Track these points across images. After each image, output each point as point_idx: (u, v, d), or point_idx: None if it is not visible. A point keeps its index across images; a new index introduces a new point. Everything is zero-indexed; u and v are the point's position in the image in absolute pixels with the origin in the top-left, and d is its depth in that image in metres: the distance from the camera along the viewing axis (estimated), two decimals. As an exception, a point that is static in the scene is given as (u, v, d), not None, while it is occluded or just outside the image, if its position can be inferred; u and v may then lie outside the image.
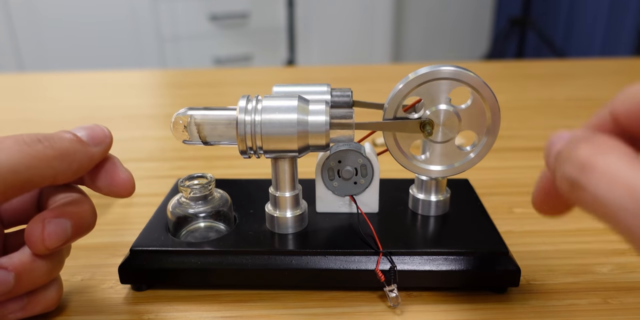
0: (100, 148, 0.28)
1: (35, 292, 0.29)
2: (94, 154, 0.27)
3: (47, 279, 0.28)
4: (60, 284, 0.30)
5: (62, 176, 0.26)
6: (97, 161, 0.28)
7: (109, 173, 0.28)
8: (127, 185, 0.28)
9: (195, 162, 0.55)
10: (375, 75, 0.90)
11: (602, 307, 0.32)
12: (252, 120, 0.31)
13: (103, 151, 0.28)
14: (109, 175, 0.28)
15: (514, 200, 0.45)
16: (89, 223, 0.29)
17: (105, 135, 0.28)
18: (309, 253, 0.33)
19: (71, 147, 0.26)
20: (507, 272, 0.32)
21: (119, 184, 0.28)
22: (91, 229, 0.29)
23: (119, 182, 0.28)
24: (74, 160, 0.26)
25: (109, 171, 0.28)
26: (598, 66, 0.93)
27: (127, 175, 0.28)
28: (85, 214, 0.28)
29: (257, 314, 0.32)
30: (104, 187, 0.28)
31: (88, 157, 0.27)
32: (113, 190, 0.28)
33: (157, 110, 0.75)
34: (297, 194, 0.34)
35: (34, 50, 1.99)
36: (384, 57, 2.51)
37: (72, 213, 0.28)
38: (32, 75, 0.97)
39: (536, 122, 0.65)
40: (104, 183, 0.28)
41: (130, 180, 0.28)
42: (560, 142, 0.21)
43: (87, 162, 0.27)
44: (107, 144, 0.28)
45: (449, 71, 0.31)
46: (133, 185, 0.29)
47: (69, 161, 0.26)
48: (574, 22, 2.26)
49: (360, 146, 0.36)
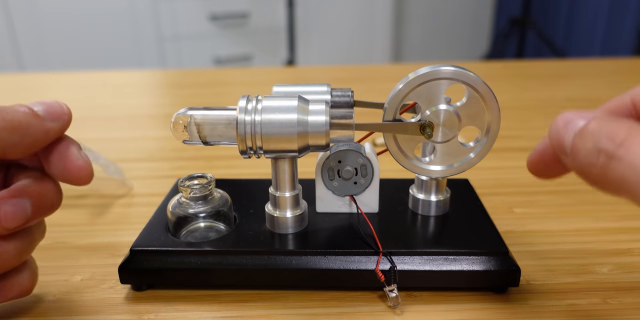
0: (57, 124, 0.27)
1: (7, 277, 0.28)
2: (50, 129, 0.26)
3: (17, 262, 0.28)
4: (34, 268, 0.30)
5: (12, 150, 0.25)
6: (52, 137, 0.27)
7: (63, 159, 0.27)
8: (81, 173, 0.27)
9: (195, 162, 0.55)
10: (375, 75, 0.90)
11: (602, 307, 0.32)
12: (252, 120, 0.31)
13: (60, 127, 0.27)
14: (62, 161, 0.27)
15: (514, 200, 0.45)
16: (52, 202, 0.28)
17: (63, 112, 0.27)
18: (309, 253, 0.33)
19: (25, 120, 0.25)
20: (507, 272, 0.32)
21: (73, 170, 0.27)
22: (56, 208, 0.28)
23: (73, 168, 0.27)
24: (26, 134, 0.25)
25: (63, 157, 0.27)
26: (598, 66, 0.93)
27: (82, 162, 0.27)
28: (47, 192, 0.27)
29: (257, 314, 0.32)
30: (58, 173, 0.27)
31: (43, 132, 0.26)
32: (67, 176, 0.27)
33: (157, 110, 0.75)
34: (297, 194, 0.34)
35: (34, 50, 1.99)
36: (384, 57, 2.51)
37: (32, 192, 0.27)
38: (32, 75, 0.97)
39: (536, 122, 0.65)
40: (58, 169, 0.27)
41: (84, 168, 0.27)
42: (577, 119, 0.23)
43: (42, 137, 0.26)
44: (65, 120, 0.27)
45: (449, 71, 0.31)
46: (88, 173, 0.27)
47: (21, 135, 0.25)
48: (574, 22, 2.26)
49: (360, 146, 0.36)
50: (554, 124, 0.24)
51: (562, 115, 0.23)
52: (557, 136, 0.23)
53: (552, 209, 0.44)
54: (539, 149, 0.27)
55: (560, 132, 0.23)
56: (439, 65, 0.32)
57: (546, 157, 0.26)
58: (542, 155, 0.27)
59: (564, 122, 0.23)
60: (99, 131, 0.65)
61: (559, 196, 0.46)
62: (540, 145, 0.27)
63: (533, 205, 0.44)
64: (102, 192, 0.48)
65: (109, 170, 0.47)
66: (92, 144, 0.51)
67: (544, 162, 0.27)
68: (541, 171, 0.28)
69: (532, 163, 0.27)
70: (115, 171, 0.48)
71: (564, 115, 0.23)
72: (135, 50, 2.10)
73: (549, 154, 0.26)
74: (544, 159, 0.27)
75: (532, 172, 0.28)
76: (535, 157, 0.27)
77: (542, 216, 0.42)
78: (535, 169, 0.28)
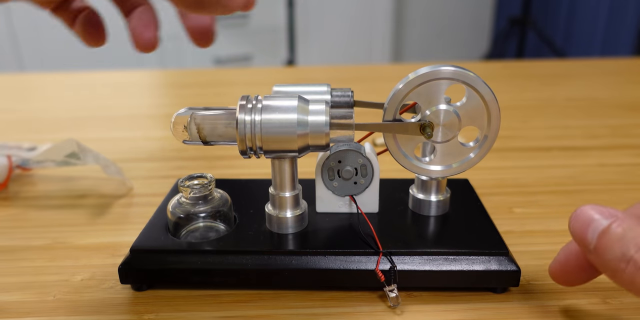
0: None
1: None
2: None
3: None
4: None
5: None
6: None
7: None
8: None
9: (195, 162, 0.55)
10: (375, 75, 0.90)
11: (602, 307, 0.32)
12: (252, 121, 0.31)
13: None
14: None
15: (514, 200, 0.45)
16: None
17: None
18: (309, 253, 0.33)
19: None
20: (507, 272, 0.32)
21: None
22: None
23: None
24: None
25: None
26: (598, 66, 0.93)
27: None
28: None
29: (257, 314, 0.32)
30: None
31: None
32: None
33: (157, 110, 0.75)
34: (297, 194, 0.34)
35: (34, 50, 1.99)
36: (384, 57, 2.51)
37: None
38: (32, 75, 0.97)
39: (536, 122, 0.65)
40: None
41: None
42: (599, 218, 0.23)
43: None
44: None
45: (449, 71, 0.31)
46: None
47: None
48: (574, 22, 2.26)
49: (360, 146, 0.36)
50: (575, 220, 0.24)
51: (582, 211, 0.24)
52: (580, 234, 0.24)
53: (552, 209, 0.44)
54: (560, 259, 0.27)
55: (583, 230, 0.24)
56: (439, 65, 0.32)
57: (569, 267, 0.27)
58: (564, 265, 0.27)
59: (584, 220, 0.24)
60: (99, 131, 0.65)
61: (559, 196, 0.46)
62: (561, 256, 0.27)
63: (533, 205, 0.44)
64: (102, 192, 0.48)
65: (109, 170, 0.47)
66: (92, 144, 0.51)
67: (567, 272, 0.27)
68: (565, 280, 0.28)
69: (555, 273, 0.28)
70: (115, 171, 0.48)
71: (584, 212, 0.24)
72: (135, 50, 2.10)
73: (572, 264, 0.26)
74: (567, 269, 0.27)
75: (554, 280, 0.28)
76: (557, 267, 0.27)
77: (542, 216, 0.42)
78: (558, 279, 0.28)
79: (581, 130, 0.62)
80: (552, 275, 0.28)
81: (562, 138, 0.60)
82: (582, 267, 0.26)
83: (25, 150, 0.52)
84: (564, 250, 0.27)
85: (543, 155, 0.55)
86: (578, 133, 0.61)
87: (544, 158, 0.54)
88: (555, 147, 0.57)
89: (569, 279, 0.28)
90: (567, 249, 0.27)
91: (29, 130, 0.64)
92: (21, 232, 0.41)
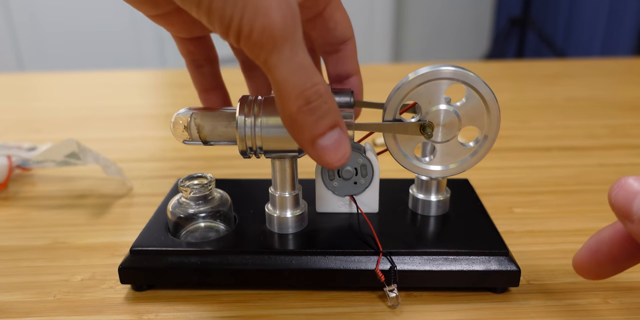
0: None
1: None
2: None
3: None
4: None
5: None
6: None
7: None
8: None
9: (195, 162, 0.55)
10: (375, 75, 0.90)
11: (602, 307, 0.32)
12: (252, 121, 0.31)
13: None
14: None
15: (514, 200, 0.45)
16: None
17: None
18: (309, 253, 0.33)
19: None
20: (507, 272, 0.32)
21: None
22: None
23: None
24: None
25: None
26: (598, 66, 0.93)
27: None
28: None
29: (257, 314, 0.32)
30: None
31: None
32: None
33: (157, 110, 0.75)
34: (297, 194, 0.34)
35: (34, 50, 1.99)
36: (384, 57, 2.51)
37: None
38: (32, 75, 0.97)
39: (536, 122, 0.65)
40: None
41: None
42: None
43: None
44: None
45: (449, 71, 0.31)
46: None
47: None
48: (574, 22, 2.26)
49: (360, 146, 0.36)
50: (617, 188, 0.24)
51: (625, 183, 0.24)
52: (624, 202, 0.23)
53: (552, 209, 0.44)
54: (591, 247, 0.26)
55: (628, 198, 0.23)
56: (439, 65, 0.32)
57: (601, 255, 0.26)
58: (596, 253, 0.26)
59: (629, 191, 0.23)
60: (99, 131, 0.65)
61: (559, 196, 0.46)
62: (592, 244, 0.26)
63: (533, 205, 0.44)
64: (102, 192, 0.48)
65: (109, 170, 0.47)
66: (92, 144, 0.51)
67: (598, 262, 0.26)
68: (591, 272, 0.26)
69: (582, 264, 0.26)
70: (115, 171, 0.48)
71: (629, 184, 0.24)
72: (135, 50, 2.10)
73: (605, 253, 0.25)
74: (598, 258, 0.26)
75: (579, 272, 0.27)
76: (586, 258, 0.26)
77: (542, 216, 0.42)
78: (584, 270, 0.27)
79: (581, 130, 0.62)
80: (578, 266, 0.27)
81: (562, 138, 0.60)
82: (614, 257, 0.25)
83: (25, 150, 0.52)
84: (594, 239, 0.26)
85: (543, 155, 0.55)
86: (578, 133, 0.61)
87: (544, 158, 0.54)
88: (555, 147, 0.57)
89: (596, 271, 0.26)
90: (599, 238, 0.26)
91: (29, 130, 0.64)
92: (21, 232, 0.41)
